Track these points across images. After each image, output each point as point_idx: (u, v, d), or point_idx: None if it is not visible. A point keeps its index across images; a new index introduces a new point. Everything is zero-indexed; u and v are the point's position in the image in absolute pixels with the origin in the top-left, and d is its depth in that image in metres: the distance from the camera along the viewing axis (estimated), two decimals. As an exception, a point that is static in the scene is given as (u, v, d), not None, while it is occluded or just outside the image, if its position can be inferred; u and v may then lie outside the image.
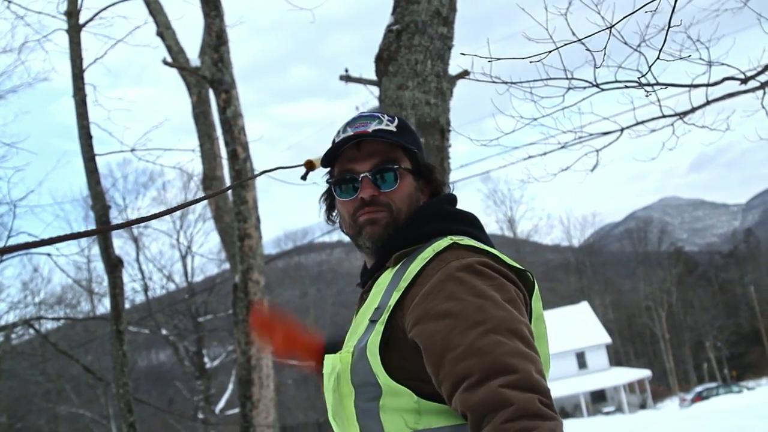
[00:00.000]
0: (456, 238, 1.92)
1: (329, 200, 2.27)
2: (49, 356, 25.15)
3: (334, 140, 2.18)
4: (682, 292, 73.69)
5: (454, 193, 2.25)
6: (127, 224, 1.78)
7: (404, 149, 2.13)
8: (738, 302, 76.47)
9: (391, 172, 2.07)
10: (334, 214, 2.28)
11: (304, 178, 2.44)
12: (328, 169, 2.22)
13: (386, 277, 1.98)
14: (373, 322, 1.85)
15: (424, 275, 1.85)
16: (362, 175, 2.07)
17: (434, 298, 1.77)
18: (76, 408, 37.21)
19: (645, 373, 55.61)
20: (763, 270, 76.07)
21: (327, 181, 2.23)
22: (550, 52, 1.36)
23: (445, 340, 1.68)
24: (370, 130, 2.10)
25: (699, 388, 51.46)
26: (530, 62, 1.46)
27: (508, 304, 1.72)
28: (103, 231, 7.24)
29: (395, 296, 1.86)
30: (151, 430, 38.60)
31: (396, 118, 2.19)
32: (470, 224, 2.08)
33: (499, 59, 1.73)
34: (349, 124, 2.17)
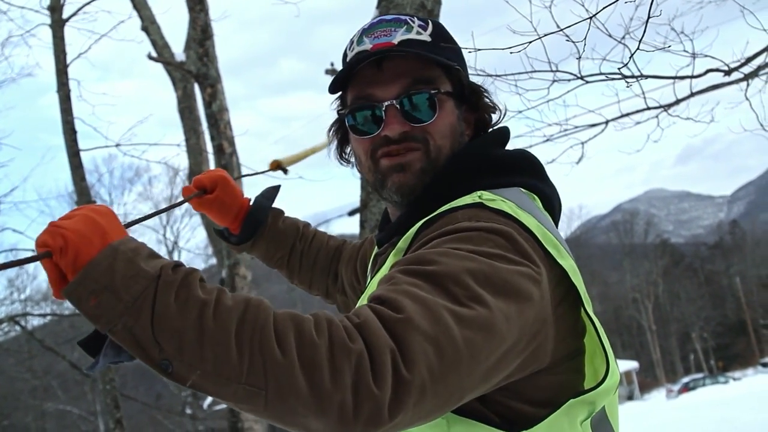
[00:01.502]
0: (487, 196, 1.45)
1: (341, 132, 1.79)
2: (35, 353, 25.11)
3: (345, 53, 1.69)
4: (668, 283, 74.06)
5: (505, 125, 1.74)
6: (129, 225, 1.60)
7: (443, 66, 1.63)
8: (724, 293, 76.90)
9: (425, 97, 1.58)
10: (348, 151, 1.81)
11: (285, 172, 2.28)
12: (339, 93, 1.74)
13: (413, 229, 1.54)
14: None
15: (424, 233, 1.45)
16: (386, 103, 1.57)
17: (413, 251, 1.40)
18: (63, 405, 37.14)
19: (632, 364, 55.79)
20: (749, 261, 76.50)
21: (338, 111, 1.75)
22: (531, 42, 1.36)
23: (404, 262, 1.31)
24: (395, 41, 1.59)
25: (686, 379, 51.73)
26: (511, 53, 1.44)
27: (492, 276, 1.24)
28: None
29: (390, 261, 1.54)
30: (138, 426, 38.51)
31: (430, 23, 1.66)
32: (527, 172, 1.60)
33: (479, 50, 1.68)
34: (367, 31, 1.65)
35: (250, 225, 2.15)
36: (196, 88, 11.04)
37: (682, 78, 4.91)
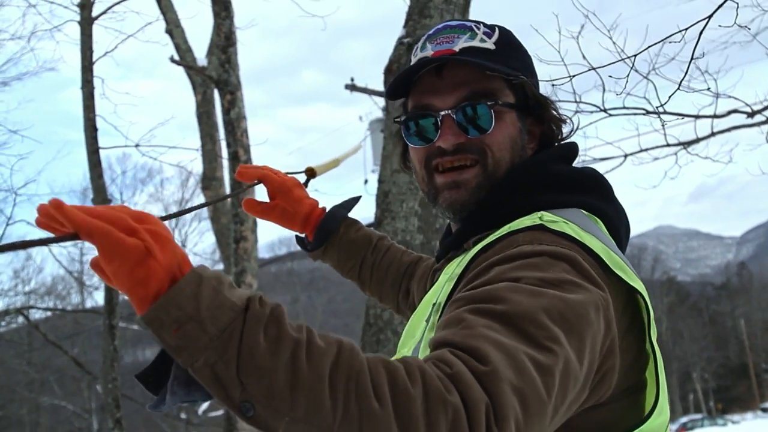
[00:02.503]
0: (548, 218, 1.37)
1: (404, 142, 1.71)
2: (36, 346, 25.06)
3: (410, 59, 1.65)
4: (672, 321, 73.60)
5: (573, 140, 1.66)
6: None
7: (505, 75, 1.54)
8: (727, 335, 76.40)
9: (483, 108, 1.50)
10: (409, 158, 1.73)
11: (305, 185, 2.19)
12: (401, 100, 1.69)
13: (458, 262, 1.50)
14: (426, 323, 1.45)
15: (486, 255, 1.36)
16: (443, 113, 1.52)
17: (472, 280, 1.30)
18: (58, 400, 37.07)
19: (630, 400, 55.39)
20: (755, 304, 76.03)
21: (395, 120, 1.68)
22: (573, 77, 1.35)
23: (446, 317, 1.24)
24: (456, 48, 1.54)
25: (684, 419, 51.50)
26: (553, 86, 1.43)
27: (562, 309, 1.18)
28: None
29: (447, 288, 1.42)
30: (133, 426, 38.39)
31: (496, 30, 1.61)
32: (592, 192, 1.52)
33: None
34: (431, 37, 1.62)
35: (322, 232, 2.12)
36: (216, 94, 11.09)
37: (704, 117, 4.92)
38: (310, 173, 2.23)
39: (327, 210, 2.14)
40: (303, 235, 2.18)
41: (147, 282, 1.04)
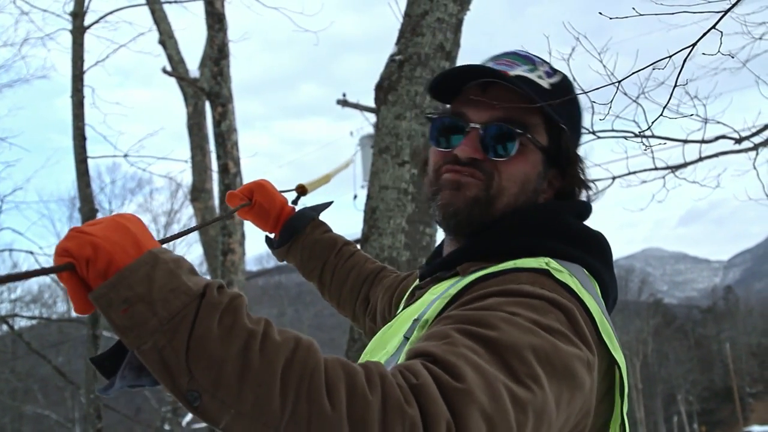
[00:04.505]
0: (555, 265, 1.36)
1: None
2: (19, 354, 24.91)
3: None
4: (658, 343, 73.70)
5: (589, 202, 1.63)
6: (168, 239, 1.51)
7: (547, 117, 1.53)
8: (713, 358, 76.53)
9: (512, 136, 1.49)
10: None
11: (294, 203, 2.23)
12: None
13: (448, 284, 1.47)
14: (406, 339, 1.38)
15: (486, 284, 1.33)
16: (472, 125, 1.51)
17: (466, 304, 1.28)
18: (42, 409, 36.84)
19: (615, 421, 55.41)
20: (740, 328, 76.25)
21: (426, 116, 1.67)
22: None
23: (453, 318, 1.23)
24: (512, 73, 1.52)
25: (667, 441, 51.42)
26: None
27: (550, 354, 1.15)
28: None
29: (437, 306, 1.38)
30: (115, 437, 38.20)
31: (559, 75, 1.61)
32: (595, 253, 1.50)
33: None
34: (495, 57, 1.60)
35: (288, 230, 2.13)
36: (207, 106, 11.10)
37: (693, 142, 4.94)
38: (301, 190, 2.25)
39: (296, 210, 2.17)
40: (272, 236, 2.19)
41: (95, 259, 1.03)
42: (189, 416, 34.99)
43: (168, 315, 0.98)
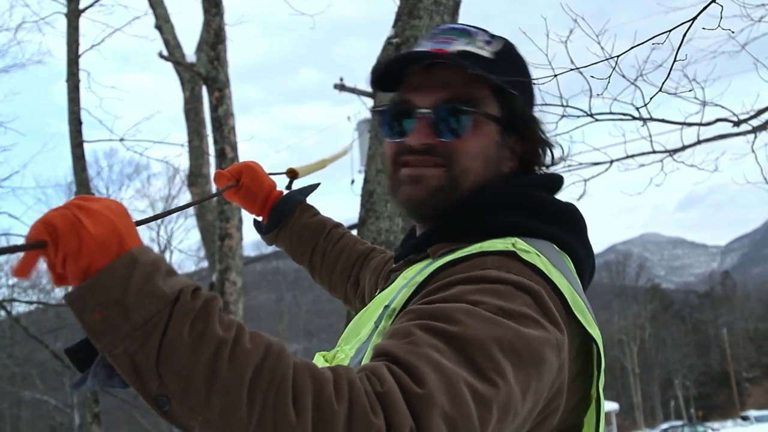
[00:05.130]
0: (521, 246, 1.31)
1: None
2: (17, 339, 24.94)
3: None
4: (655, 328, 73.92)
5: (558, 173, 1.61)
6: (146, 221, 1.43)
7: (495, 86, 1.49)
8: (710, 343, 76.75)
9: (462, 115, 1.44)
10: None
11: (288, 187, 2.20)
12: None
13: (418, 268, 1.43)
14: (375, 327, 1.35)
15: (445, 272, 1.30)
16: (421, 110, 1.46)
17: (431, 294, 1.25)
18: (40, 394, 36.92)
19: (612, 405, 55.57)
20: (737, 313, 76.43)
21: (373, 109, 1.55)
22: (556, 75, 1.33)
23: (415, 312, 1.20)
24: (451, 49, 1.48)
25: (665, 425, 51.71)
26: (535, 84, 1.40)
27: (516, 343, 1.13)
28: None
29: (404, 294, 1.35)
30: (114, 422, 38.32)
31: (497, 40, 1.55)
32: (567, 226, 1.46)
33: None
34: (433, 36, 1.56)
35: (276, 214, 2.11)
36: (204, 90, 11.06)
37: (691, 125, 4.93)
38: (292, 175, 2.21)
39: (283, 194, 2.13)
40: (260, 219, 2.17)
41: (78, 255, 1.01)
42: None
43: (141, 320, 0.98)
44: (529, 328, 1.16)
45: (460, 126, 1.44)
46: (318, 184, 2.23)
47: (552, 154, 1.59)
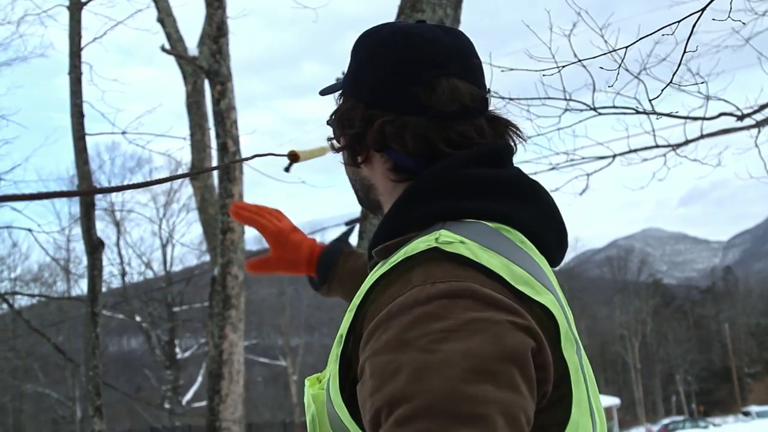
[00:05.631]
0: (444, 239, 1.19)
1: None
2: (20, 333, 24.97)
3: None
4: (657, 323, 73.97)
5: (497, 144, 1.38)
6: (115, 189, 1.55)
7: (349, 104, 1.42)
8: (711, 338, 76.82)
9: (332, 147, 1.51)
10: None
11: (287, 170, 2.20)
12: None
13: (368, 280, 1.28)
14: (335, 353, 1.26)
15: (384, 295, 1.18)
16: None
17: (375, 342, 1.12)
18: (42, 387, 37.04)
19: (614, 401, 55.61)
20: (739, 309, 76.47)
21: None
22: (558, 70, 1.31)
23: (372, 413, 1.07)
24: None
25: (666, 420, 51.78)
26: (543, 75, 1.39)
27: (476, 364, 1.03)
28: (88, 193, 7.21)
29: (346, 320, 1.26)
30: (116, 415, 38.42)
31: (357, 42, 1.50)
32: (502, 197, 1.31)
33: (512, 69, 1.63)
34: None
35: (321, 268, 2.08)
36: (206, 84, 11.05)
37: (694, 119, 4.92)
38: (293, 157, 2.20)
39: (325, 246, 2.10)
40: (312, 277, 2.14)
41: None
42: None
43: None
44: (482, 332, 1.06)
45: (338, 157, 1.51)
46: (353, 228, 2.28)
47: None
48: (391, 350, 1.07)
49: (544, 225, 1.34)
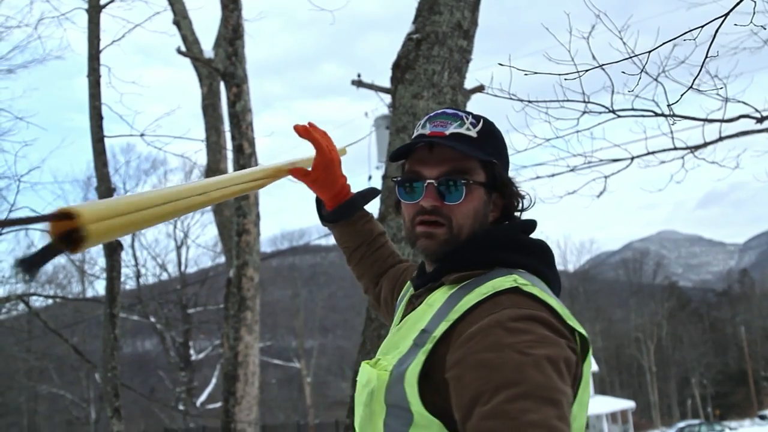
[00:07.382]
0: (521, 281, 1.73)
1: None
2: (36, 334, 25.11)
3: (416, 129, 2.07)
4: (672, 326, 73.62)
5: (533, 218, 2.08)
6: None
7: (480, 160, 1.96)
8: (727, 342, 76.45)
9: (458, 184, 1.92)
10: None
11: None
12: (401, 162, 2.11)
13: (441, 295, 1.86)
14: (416, 345, 1.74)
15: (475, 313, 1.69)
16: (428, 181, 1.94)
17: (476, 344, 1.61)
18: (57, 389, 37.17)
19: (629, 404, 55.49)
20: (755, 312, 76.03)
21: (392, 179, 2.13)
22: (578, 75, 1.33)
23: (476, 393, 1.52)
24: (447, 132, 1.95)
25: (681, 424, 51.47)
26: (566, 79, 1.42)
27: (552, 366, 1.53)
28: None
29: (443, 327, 1.73)
30: (130, 416, 38.46)
31: (481, 122, 2.01)
32: (540, 258, 1.93)
33: (535, 73, 1.65)
34: (431, 119, 2.02)
35: (338, 213, 2.55)
36: (222, 86, 11.09)
37: (713, 121, 4.89)
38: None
39: (353, 194, 2.56)
40: (320, 199, 2.60)
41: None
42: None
43: None
44: (554, 346, 1.58)
45: (457, 193, 1.93)
46: (379, 192, 2.69)
47: (523, 204, 2.06)
48: (493, 350, 1.56)
49: (556, 284, 1.96)
